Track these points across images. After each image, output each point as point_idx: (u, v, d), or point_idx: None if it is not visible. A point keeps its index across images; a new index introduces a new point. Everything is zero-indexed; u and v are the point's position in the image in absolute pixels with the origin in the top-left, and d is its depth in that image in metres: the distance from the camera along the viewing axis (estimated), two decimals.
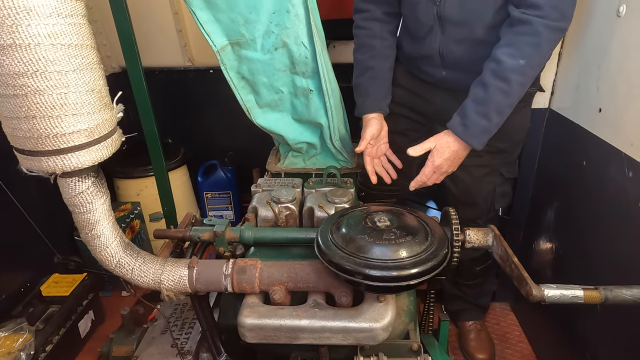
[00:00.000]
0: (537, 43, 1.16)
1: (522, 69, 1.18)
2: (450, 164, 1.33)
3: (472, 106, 1.25)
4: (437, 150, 1.31)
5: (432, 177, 1.35)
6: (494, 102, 1.22)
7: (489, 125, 1.25)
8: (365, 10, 1.48)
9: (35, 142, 0.89)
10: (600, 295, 0.98)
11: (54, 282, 1.95)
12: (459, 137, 1.28)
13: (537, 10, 1.13)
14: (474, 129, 1.26)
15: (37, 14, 0.80)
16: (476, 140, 1.27)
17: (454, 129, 1.29)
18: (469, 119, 1.25)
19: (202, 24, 1.32)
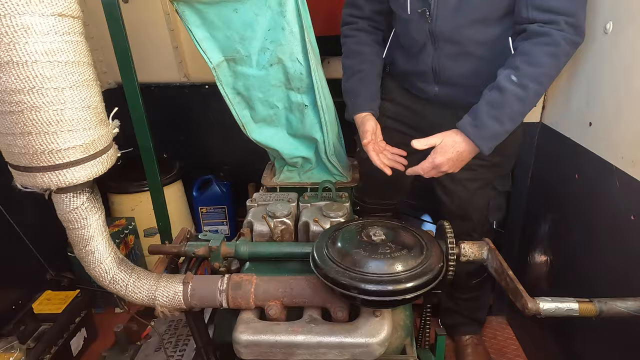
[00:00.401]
0: (556, 53, 1.18)
1: (540, 78, 1.20)
2: (451, 165, 1.30)
3: (485, 108, 1.24)
4: (442, 147, 1.28)
5: (429, 172, 1.32)
6: (509, 107, 1.21)
7: (501, 129, 1.24)
8: (352, 22, 1.55)
9: (30, 158, 0.89)
10: (595, 307, 0.99)
11: (46, 299, 1.93)
12: (469, 138, 1.25)
13: (555, 24, 1.16)
14: (485, 131, 1.24)
15: (35, 31, 0.80)
16: (485, 144, 1.25)
17: (464, 129, 1.26)
18: (481, 120, 1.24)
19: (198, 41, 1.33)
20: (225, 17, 1.28)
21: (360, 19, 1.54)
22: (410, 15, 1.37)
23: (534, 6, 1.18)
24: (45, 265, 2.00)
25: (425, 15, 1.33)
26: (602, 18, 1.30)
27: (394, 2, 1.43)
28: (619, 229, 1.23)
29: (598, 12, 1.32)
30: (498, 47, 1.32)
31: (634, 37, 1.18)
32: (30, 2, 0.78)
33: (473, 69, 1.38)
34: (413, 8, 1.35)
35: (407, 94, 1.60)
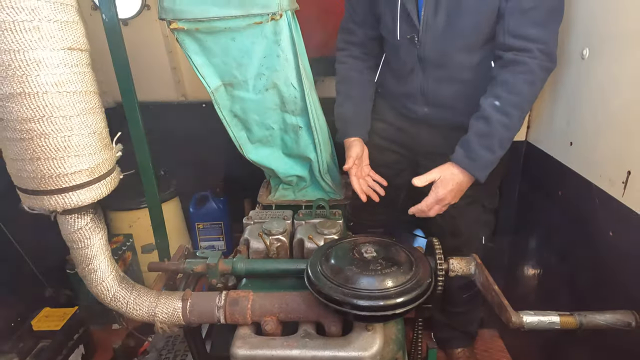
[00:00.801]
0: (532, 80, 1.26)
1: (521, 104, 1.28)
2: (453, 196, 1.36)
3: (475, 139, 1.31)
4: (442, 181, 1.34)
5: (434, 207, 1.36)
6: (496, 135, 1.29)
7: (493, 157, 1.31)
8: (346, 49, 1.63)
9: (38, 182, 0.94)
10: (576, 320, 1.04)
11: (44, 316, 1.95)
12: (465, 170, 1.32)
13: (529, 52, 1.25)
14: (479, 162, 1.31)
15: (46, 65, 0.86)
16: (481, 173, 1.32)
17: (459, 162, 1.33)
18: (474, 151, 1.30)
19: (197, 67, 1.40)
20: (223, 45, 1.35)
21: (353, 45, 1.62)
22: (400, 41, 1.45)
23: (510, 33, 1.26)
24: (44, 282, 2.03)
25: (413, 41, 1.40)
26: (579, 44, 1.38)
27: (384, 28, 1.51)
28: (599, 244, 1.29)
29: (575, 39, 1.40)
30: (482, 71, 1.39)
31: (608, 62, 1.25)
32: (42, 38, 0.84)
33: (459, 91, 1.46)
34: (402, 34, 1.43)
35: (398, 114, 1.66)
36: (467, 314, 1.97)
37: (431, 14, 1.34)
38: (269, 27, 1.31)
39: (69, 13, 0.89)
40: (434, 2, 1.32)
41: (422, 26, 1.37)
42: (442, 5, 1.32)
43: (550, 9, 1.25)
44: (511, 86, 1.27)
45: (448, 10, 1.32)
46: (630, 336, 1.08)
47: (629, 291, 1.15)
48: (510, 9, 1.24)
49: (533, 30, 1.24)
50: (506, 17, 1.26)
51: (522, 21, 1.24)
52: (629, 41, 1.16)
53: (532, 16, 1.23)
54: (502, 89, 1.28)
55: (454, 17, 1.32)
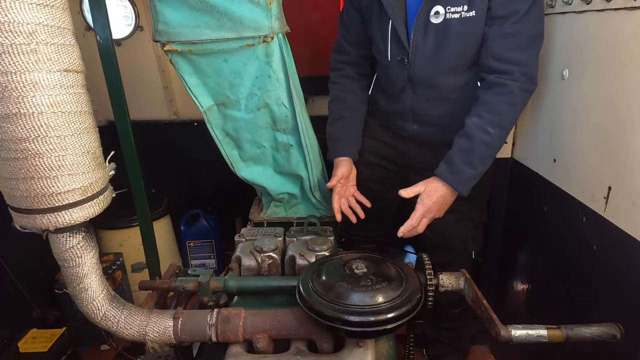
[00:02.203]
0: (513, 101, 1.32)
1: (501, 124, 1.33)
2: (438, 208, 1.40)
3: (458, 156, 1.36)
4: (427, 193, 1.39)
5: (422, 221, 1.40)
6: (478, 152, 1.34)
7: (474, 172, 1.36)
8: (339, 69, 1.67)
9: (31, 201, 0.94)
10: (562, 333, 1.05)
11: (32, 337, 1.91)
12: (447, 184, 1.37)
13: (510, 75, 1.30)
14: (460, 176, 1.36)
15: (42, 86, 0.88)
16: (463, 187, 1.37)
17: (442, 176, 1.38)
18: (456, 167, 1.36)
19: (190, 87, 1.42)
20: (216, 66, 1.38)
21: (347, 65, 1.66)
22: (390, 62, 1.49)
23: (493, 56, 1.32)
24: (32, 303, 2.00)
25: (404, 62, 1.45)
26: (560, 65, 1.43)
27: (375, 50, 1.56)
28: (584, 258, 1.32)
29: (556, 60, 1.46)
30: (469, 92, 1.44)
31: (587, 83, 1.31)
32: (39, 61, 0.86)
33: (447, 110, 1.50)
34: (393, 55, 1.48)
35: (388, 131, 1.70)
36: (458, 330, 1.97)
37: (420, 38, 1.39)
38: (260, 49, 1.35)
39: (66, 36, 0.91)
40: (422, 26, 1.37)
41: (412, 49, 1.41)
42: (430, 30, 1.37)
43: (531, 35, 1.31)
44: (492, 106, 1.32)
45: (436, 35, 1.37)
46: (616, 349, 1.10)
47: (614, 304, 1.18)
48: (493, 33, 1.30)
49: (514, 54, 1.29)
50: (489, 41, 1.31)
51: (504, 45, 1.29)
52: (605, 63, 1.22)
53: (513, 41, 1.29)
54: (483, 109, 1.34)
55: (441, 41, 1.37)
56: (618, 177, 1.17)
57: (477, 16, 1.30)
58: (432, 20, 1.35)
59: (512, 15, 1.27)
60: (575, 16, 1.35)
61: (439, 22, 1.35)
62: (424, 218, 1.39)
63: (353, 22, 1.58)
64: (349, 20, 1.60)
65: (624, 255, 1.14)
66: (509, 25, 1.28)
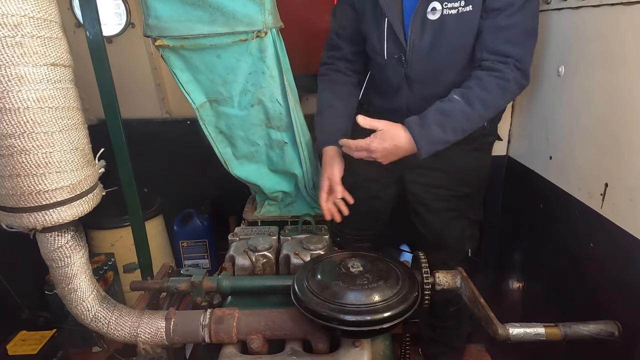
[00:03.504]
0: (505, 87, 1.30)
1: (487, 102, 1.31)
2: (384, 155, 1.34)
3: (433, 114, 1.32)
4: (382, 134, 1.32)
5: (360, 153, 1.35)
6: (454, 118, 1.31)
7: (442, 137, 1.31)
8: (330, 63, 1.63)
9: (18, 199, 0.92)
10: (560, 331, 1.05)
11: (21, 339, 1.87)
12: (412, 136, 1.31)
13: (506, 65, 1.30)
14: (428, 134, 1.31)
15: (28, 80, 0.85)
16: (425, 146, 1.31)
17: (410, 127, 1.32)
18: (427, 123, 1.31)
19: (182, 83, 1.40)
20: (209, 62, 1.36)
21: (339, 60, 1.62)
22: (387, 60, 1.47)
23: (487, 49, 1.31)
24: (21, 304, 1.96)
25: (401, 60, 1.43)
26: (555, 62, 1.43)
27: (370, 48, 1.53)
28: (581, 256, 1.31)
29: (552, 57, 1.45)
30: None
31: (583, 79, 1.30)
32: (25, 54, 0.84)
33: None
34: (389, 54, 1.45)
35: None
36: (454, 329, 1.96)
37: (417, 35, 1.37)
38: (254, 45, 1.33)
39: (53, 29, 0.89)
40: (419, 23, 1.36)
41: (409, 46, 1.39)
42: (428, 27, 1.35)
43: (525, 30, 1.30)
44: (483, 83, 1.31)
45: (433, 32, 1.35)
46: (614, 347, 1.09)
47: (611, 301, 1.17)
48: (488, 26, 1.30)
49: (508, 48, 1.29)
50: (484, 34, 1.31)
51: (498, 38, 1.29)
52: (601, 59, 1.21)
53: (507, 34, 1.28)
54: (474, 82, 1.32)
55: (439, 37, 1.35)
56: (615, 174, 1.16)
57: (473, 10, 1.29)
58: (429, 16, 1.34)
59: (506, 8, 1.26)
60: (571, 12, 1.34)
61: (436, 19, 1.33)
62: (363, 152, 1.34)
63: (346, 18, 1.56)
64: (342, 16, 1.57)
65: (621, 252, 1.13)
66: (503, 18, 1.27)
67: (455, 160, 1.57)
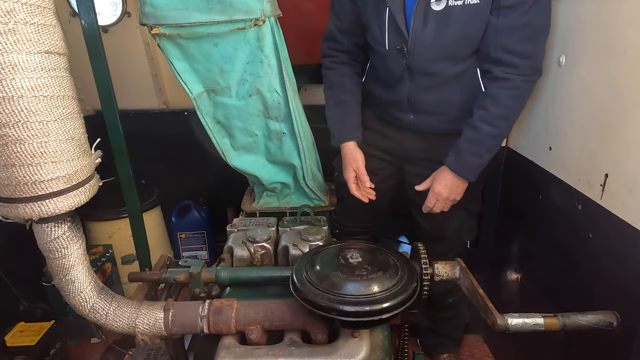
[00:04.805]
0: (518, 95, 1.35)
1: (507, 115, 1.38)
2: (449, 192, 1.46)
3: (465, 146, 1.41)
4: (436, 180, 1.48)
5: (436, 203, 1.49)
6: (484, 143, 1.40)
7: (480, 162, 1.43)
8: (332, 55, 1.62)
9: (13, 189, 0.91)
10: (559, 322, 1.05)
11: (19, 331, 1.87)
12: (455, 173, 1.43)
13: (515, 69, 1.31)
14: (467, 165, 1.42)
15: (22, 68, 0.84)
16: (469, 175, 1.44)
17: (450, 166, 1.44)
18: (463, 157, 1.42)
19: (179, 73, 1.38)
20: (206, 51, 1.34)
21: (340, 52, 1.61)
22: (389, 51, 1.45)
23: (501, 48, 1.31)
24: (19, 296, 1.96)
25: (403, 51, 1.41)
26: (557, 52, 1.41)
27: (371, 38, 1.50)
28: (579, 247, 1.31)
29: (553, 47, 1.44)
30: (467, 80, 1.43)
31: (584, 69, 1.29)
32: (18, 41, 0.82)
33: (445, 99, 1.48)
34: (391, 44, 1.43)
35: (383, 122, 1.67)
36: (452, 320, 1.97)
37: (420, 25, 1.35)
38: (251, 33, 1.31)
39: (46, 16, 0.87)
40: (422, 13, 1.34)
41: (411, 37, 1.38)
42: (431, 17, 1.33)
43: (539, 26, 1.29)
44: (498, 100, 1.35)
45: (437, 22, 1.33)
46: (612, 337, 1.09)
47: (610, 292, 1.17)
48: (502, 24, 1.28)
49: (522, 46, 1.29)
50: (498, 33, 1.30)
51: (512, 38, 1.29)
52: (602, 49, 1.20)
53: (522, 32, 1.28)
54: (489, 101, 1.37)
55: (442, 28, 1.33)
56: (615, 164, 1.15)
57: (481, 4, 1.27)
58: (433, 7, 1.31)
59: (520, 5, 1.24)
60: (572, 2, 1.33)
61: (440, 9, 1.31)
62: (437, 201, 1.48)
63: (345, 10, 1.53)
64: (341, 8, 1.54)
65: (620, 242, 1.13)
66: (517, 16, 1.26)
67: None
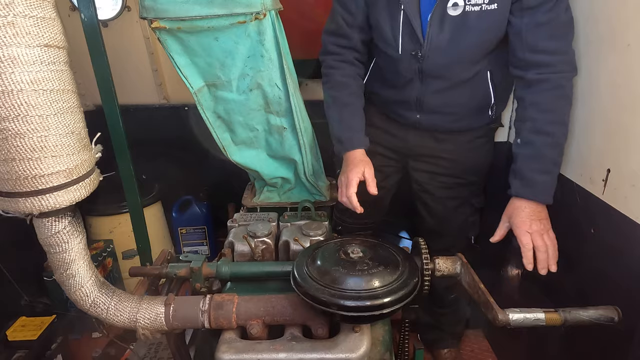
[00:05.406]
0: (562, 94, 1.24)
1: (558, 119, 1.25)
2: (535, 222, 1.25)
3: (526, 166, 1.26)
4: (514, 218, 1.27)
5: (536, 240, 1.23)
6: (544, 156, 1.24)
7: (549, 178, 1.25)
8: (337, 53, 1.52)
9: (13, 183, 0.90)
10: (560, 317, 1.05)
11: (20, 325, 1.88)
12: (529, 200, 1.25)
13: (551, 67, 1.22)
14: (537, 187, 1.25)
15: (21, 62, 0.83)
16: (543, 196, 1.25)
17: (518, 193, 1.27)
18: (529, 178, 1.25)
19: (179, 67, 1.37)
20: (206, 45, 1.33)
21: (346, 49, 1.51)
22: (401, 55, 1.40)
23: (529, 49, 1.24)
24: (20, 291, 1.96)
25: (417, 56, 1.37)
26: None
27: (380, 40, 1.44)
28: (581, 242, 1.31)
29: None
30: (479, 80, 1.41)
31: (588, 65, 1.28)
32: (17, 34, 0.81)
33: (455, 100, 1.46)
34: (405, 49, 1.39)
35: (387, 119, 1.64)
36: (453, 315, 1.98)
37: (436, 31, 1.31)
38: (252, 27, 1.30)
39: (46, 9, 0.86)
40: (438, 18, 1.30)
41: (427, 42, 1.33)
42: (447, 22, 1.29)
43: (565, 22, 1.23)
44: (542, 106, 1.24)
45: (453, 27, 1.29)
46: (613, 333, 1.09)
47: (612, 287, 1.17)
48: (527, 24, 1.23)
49: (551, 43, 1.22)
50: (523, 33, 1.24)
51: (539, 35, 1.22)
52: (607, 43, 1.19)
53: (549, 29, 1.21)
54: (534, 110, 1.26)
55: (458, 33, 1.30)
56: (617, 160, 1.15)
57: (499, 9, 1.23)
58: (449, 12, 1.27)
59: (544, 4, 1.19)
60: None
61: (456, 15, 1.27)
62: (533, 238, 1.24)
63: (357, 4, 1.43)
64: (353, 2, 1.44)
65: (622, 238, 1.13)
66: (542, 14, 1.20)
67: (460, 148, 1.56)
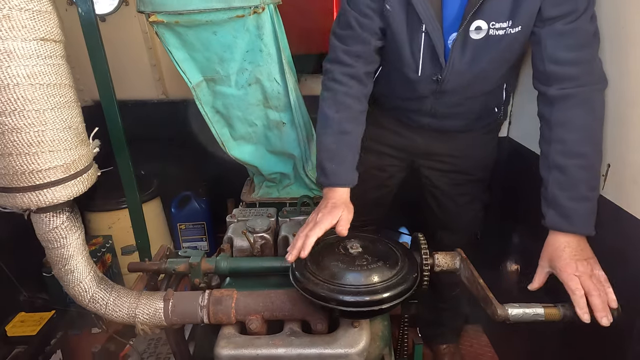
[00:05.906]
0: (589, 109, 1.12)
1: (589, 137, 1.12)
2: (583, 262, 1.08)
3: (560, 194, 1.12)
4: (555, 259, 1.12)
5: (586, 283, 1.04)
6: (580, 181, 1.10)
7: (588, 204, 1.11)
8: (347, 64, 1.29)
9: (10, 178, 0.90)
10: (559, 312, 1.05)
11: (19, 321, 1.88)
12: (566, 231, 1.11)
13: (574, 81, 1.11)
14: (575, 217, 1.10)
15: (18, 56, 0.82)
16: (583, 227, 1.10)
17: (555, 226, 1.12)
18: (565, 209, 1.11)
19: (178, 62, 1.37)
20: (205, 40, 1.32)
21: (359, 59, 1.30)
22: (420, 77, 1.33)
23: (550, 59, 1.14)
24: (19, 286, 1.96)
25: (437, 80, 1.32)
26: None
27: (398, 62, 1.33)
28: None
29: None
30: (496, 91, 1.42)
31: None
32: (13, 28, 0.81)
33: (469, 108, 1.44)
34: (425, 73, 1.31)
35: (395, 120, 1.60)
36: (452, 310, 1.98)
37: (458, 56, 1.26)
38: (251, 21, 1.29)
39: (41, 2, 0.85)
40: (461, 42, 1.23)
41: (449, 66, 1.27)
42: (469, 45, 1.24)
43: (590, 32, 1.12)
44: (571, 125, 1.12)
45: (475, 50, 1.24)
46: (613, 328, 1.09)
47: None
48: (547, 33, 1.14)
49: (573, 53, 1.12)
50: (542, 43, 1.15)
51: (560, 44, 1.12)
52: (608, 39, 1.18)
53: (571, 39, 1.12)
54: (561, 131, 1.13)
55: (479, 56, 1.25)
56: (618, 155, 1.14)
57: (522, 30, 1.17)
58: (472, 36, 1.21)
59: (569, 14, 1.10)
60: None
61: (479, 38, 1.21)
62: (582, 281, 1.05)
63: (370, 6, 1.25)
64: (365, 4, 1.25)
65: (623, 233, 1.12)
66: (564, 24, 1.11)
67: (469, 145, 1.56)
